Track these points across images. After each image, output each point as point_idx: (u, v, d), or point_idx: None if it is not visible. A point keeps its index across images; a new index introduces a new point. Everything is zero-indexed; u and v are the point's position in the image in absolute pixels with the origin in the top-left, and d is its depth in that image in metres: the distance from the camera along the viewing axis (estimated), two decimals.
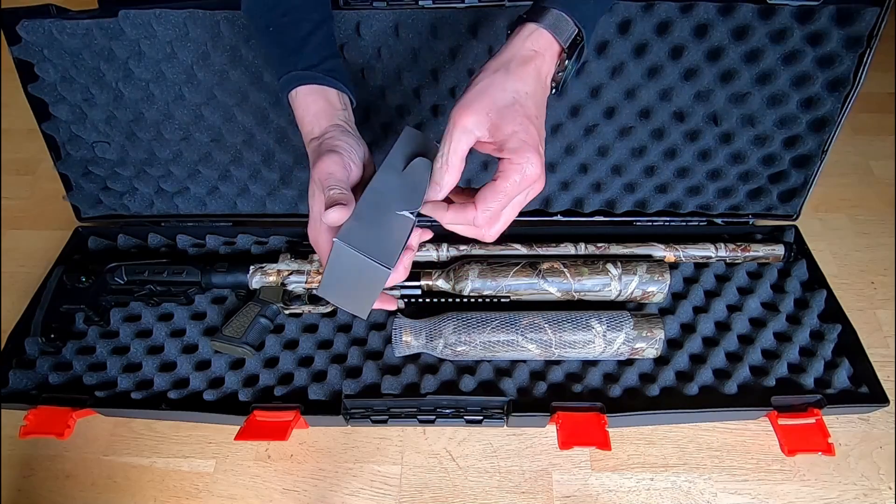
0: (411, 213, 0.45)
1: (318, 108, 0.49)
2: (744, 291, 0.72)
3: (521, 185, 0.43)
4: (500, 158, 0.43)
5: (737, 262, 0.73)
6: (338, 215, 0.43)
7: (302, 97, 0.49)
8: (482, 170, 0.73)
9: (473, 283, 0.67)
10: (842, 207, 0.85)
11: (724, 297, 0.71)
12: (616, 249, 0.70)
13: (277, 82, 0.51)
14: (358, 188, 0.49)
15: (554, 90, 0.47)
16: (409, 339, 0.65)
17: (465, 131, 0.42)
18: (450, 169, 0.43)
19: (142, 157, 0.73)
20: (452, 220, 0.45)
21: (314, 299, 0.71)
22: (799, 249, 0.75)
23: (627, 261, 0.68)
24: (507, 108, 0.42)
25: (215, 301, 0.73)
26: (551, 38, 0.43)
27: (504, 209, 0.44)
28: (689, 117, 0.68)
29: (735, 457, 0.63)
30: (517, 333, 0.64)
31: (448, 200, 0.47)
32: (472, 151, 0.44)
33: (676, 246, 0.71)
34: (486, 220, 0.44)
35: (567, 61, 0.45)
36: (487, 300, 0.68)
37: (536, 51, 0.43)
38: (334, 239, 0.41)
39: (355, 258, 0.42)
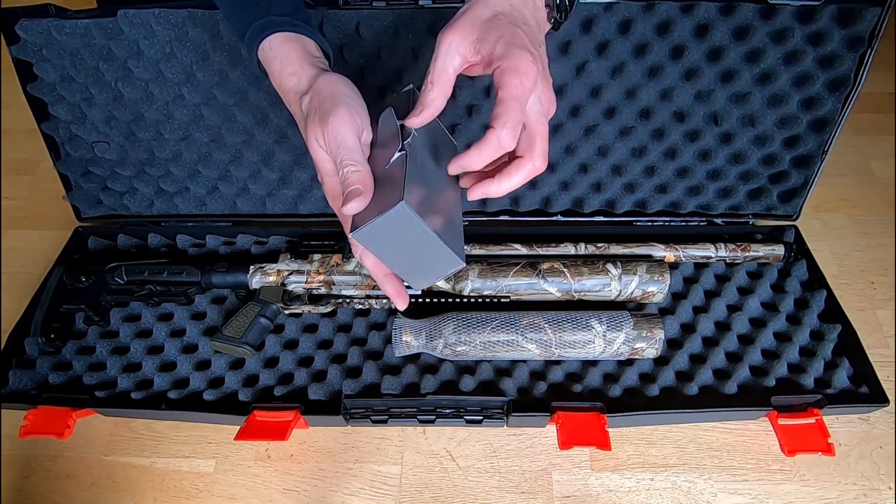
0: (400, 128, 0.44)
1: (298, 55, 0.45)
2: (744, 291, 0.72)
3: (525, 86, 0.39)
4: (493, 73, 0.41)
5: (737, 262, 0.73)
6: (357, 206, 0.41)
7: (279, 45, 0.44)
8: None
9: (473, 283, 0.67)
10: (842, 207, 0.85)
11: (724, 297, 0.71)
12: (616, 249, 0.70)
13: (243, 36, 0.45)
14: (371, 147, 0.46)
15: (553, 21, 0.46)
16: (409, 339, 0.65)
17: (449, 50, 0.41)
18: (435, 87, 0.41)
19: (141, 157, 0.73)
20: (480, 160, 0.41)
21: (314, 299, 0.71)
22: (799, 249, 0.75)
23: (627, 261, 0.68)
24: (490, 20, 0.41)
25: (215, 301, 0.73)
26: None
27: (531, 124, 0.42)
28: (690, 117, 0.68)
29: (735, 457, 0.63)
30: (517, 333, 0.64)
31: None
32: (459, 87, 0.43)
33: (676, 246, 0.71)
34: (511, 136, 0.40)
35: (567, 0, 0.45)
36: (487, 300, 0.68)
37: None
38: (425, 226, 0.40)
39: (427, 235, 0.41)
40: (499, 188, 0.43)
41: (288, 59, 0.45)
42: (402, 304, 0.49)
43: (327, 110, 0.42)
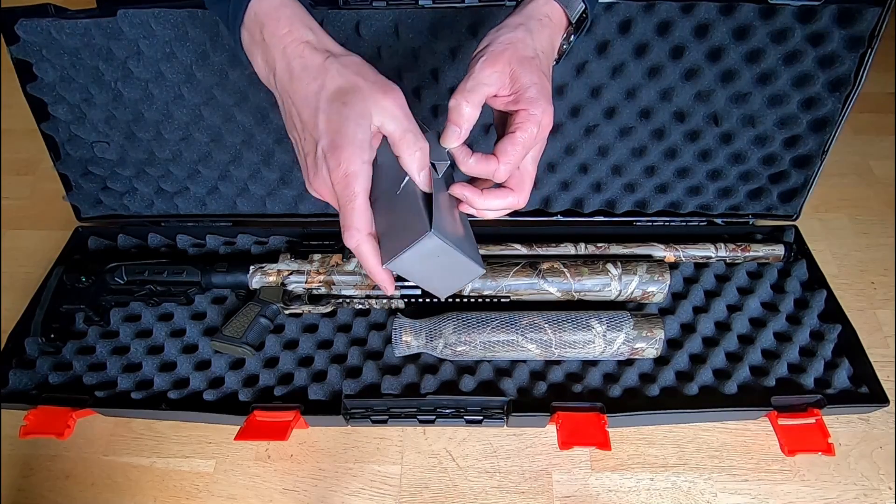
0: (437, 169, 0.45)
1: (305, 14, 0.42)
2: (744, 291, 0.72)
3: (538, 136, 0.43)
4: (514, 111, 0.43)
5: (737, 262, 0.73)
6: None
7: (279, 6, 0.41)
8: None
9: (473, 283, 0.67)
10: (842, 207, 0.85)
11: (724, 297, 0.71)
12: (616, 249, 0.70)
13: (228, 4, 0.42)
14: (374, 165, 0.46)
15: (555, 61, 0.49)
16: (409, 339, 0.65)
17: (489, 78, 0.42)
18: (471, 105, 0.42)
19: (141, 157, 0.73)
20: (473, 169, 0.44)
21: (314, 299, 0.71)
22: (799, 249, 0.75)
23: (627, 261, 0.68)
24: (528, 60, 0.42)
25: (215, 301, 0.73)
26: (562, 13, 0.45)
27: (526, 164, 0.45)
28: (690, 117, 0.68)
29: (735, 457, 0.63)
30: (517, 333, 0.64)
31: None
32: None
33: (676, 246, 0.71)
34: (507, 172, 0.44)
35: (572, 36, 0.48)
36: (487, 300, 0.68)
37: (551, 19, 0.45)
38: (433, 234, 0.41)
39: (450, 253, 0.43)
40: (482, 203, 0.45)
41: (297, 15, 0.42)
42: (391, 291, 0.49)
43: (382, 83, 0.42)
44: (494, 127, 0.48)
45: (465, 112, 0.42)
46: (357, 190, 0.41)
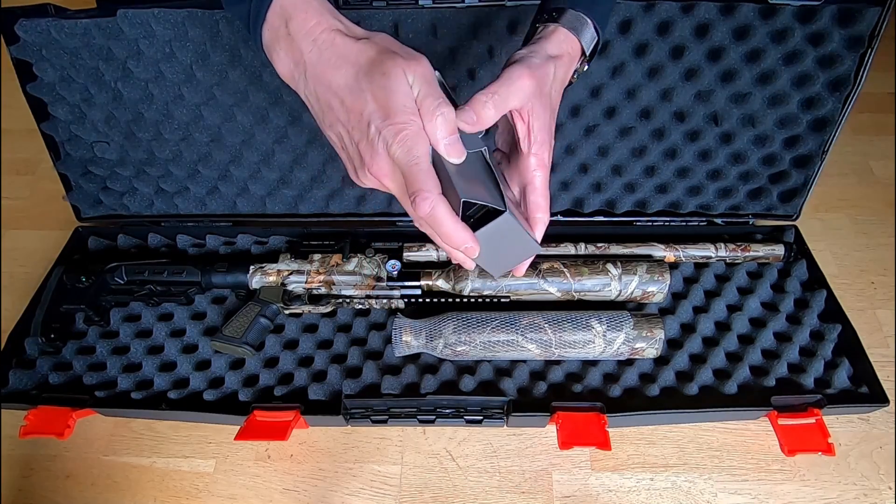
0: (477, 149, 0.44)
1: (331, 7, 0.42)
2: (744, 291, 0.72)
3: (548, 176, 0.46)
4: (524, 152, 0.45)
5: (737, 262, 0.73)
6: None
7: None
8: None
9: (473, 283, 0.67)
10: (842, 207, 0.85)
11: (724, 297, 0.71)
12: (616, 249, 0.70)
13: (249, 3, 0.42)
14: None
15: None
16: (409, 339, 0.65)
17: (522, 92, 0.42)
18: (496, 110, 0.41)
19: (141, 157, 0.73)
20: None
21: (314, 299, 0.71)
22: (799, 249, 0.75)
23: (627, 261, 0.68)
24: (546, 97, 0.43)
25: (215, 301, 0.73)
26: (579, 45, 0.46)
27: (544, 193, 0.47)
28: (690, 117, 0.68)
29: (735, 457, 0.63)
30: (517, 333, 0.64)
31: None
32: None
33: (676, 246, 0.71)
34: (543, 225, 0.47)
35: (586, 65, 0.48)
36: (487, 300, 0.68)
37: (570, 55, 0.46)
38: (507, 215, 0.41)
39: (516, 230, 0.43)
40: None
41: (324, 6, 0.42)
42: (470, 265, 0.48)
43: (411, 52, 0.42)
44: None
45: (488, 113, 0.42)
46: (420, 153, 0.40)
